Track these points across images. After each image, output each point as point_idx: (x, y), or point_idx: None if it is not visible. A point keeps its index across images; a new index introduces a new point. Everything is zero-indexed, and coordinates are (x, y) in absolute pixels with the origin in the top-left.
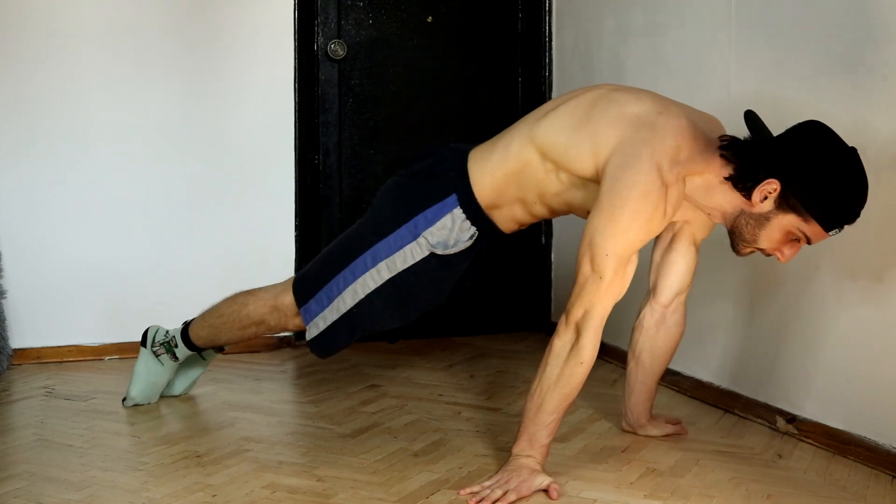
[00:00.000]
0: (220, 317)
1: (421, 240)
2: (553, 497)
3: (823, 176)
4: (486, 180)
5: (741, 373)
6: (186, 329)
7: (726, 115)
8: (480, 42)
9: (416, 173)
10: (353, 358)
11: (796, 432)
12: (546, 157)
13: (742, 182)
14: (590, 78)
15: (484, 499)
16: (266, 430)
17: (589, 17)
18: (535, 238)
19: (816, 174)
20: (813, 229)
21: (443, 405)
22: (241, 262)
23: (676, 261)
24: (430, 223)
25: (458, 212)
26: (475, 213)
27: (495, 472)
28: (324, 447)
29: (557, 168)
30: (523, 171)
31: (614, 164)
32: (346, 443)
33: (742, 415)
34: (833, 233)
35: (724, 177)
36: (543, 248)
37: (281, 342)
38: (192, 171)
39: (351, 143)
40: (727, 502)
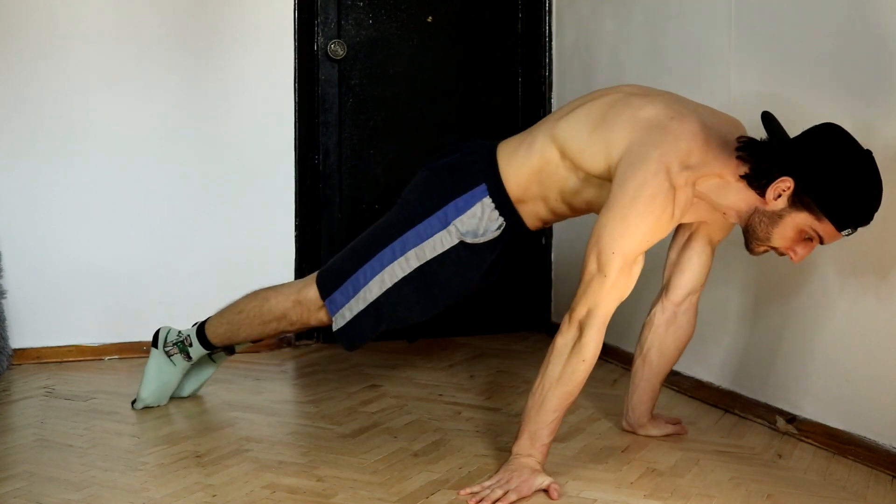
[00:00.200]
0: (239, 313)
1: (451, 228)
2: (553, 497)
3: (838, 175)
4: (511, 175)
5: (741, 373)
6: (202, 328)
7: None
8: (480, 42)
9: (445, 166)
10: (353, 358)
11: (796, 432)
12: (565, 156)
13: (757, 180)
14: (590, 78)
15: (484, 499)
16: (266, 430)
17: (589, 17)
18: (535, 238)
19: (831, 173)
20: (826, 228)
21: (443, 405)
22: (240, 262)
23: (691, 259)
24: (460, 212)
25: (488, 201)
26: (504, 203)
27: (495, 471)
28: (324, 447)
29: (575, 167)
30: (545, 169)
31: (624, 164)
32: (346, 443)
33: (742, 415)
34: (846, 233)
35: (740, 175)
36: (543, 248)
37: (281, 342)
38: (192, 171)
39: (351, 143)
40: (727, 502)
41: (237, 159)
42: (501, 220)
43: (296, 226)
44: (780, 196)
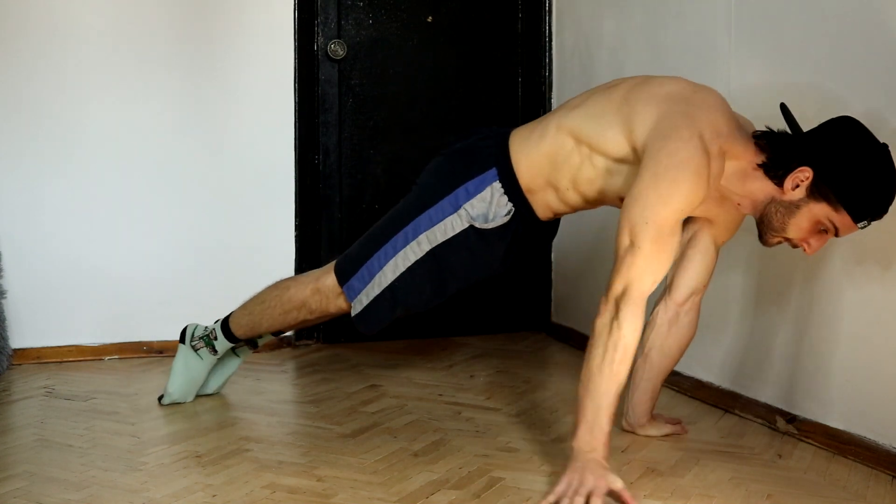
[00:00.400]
0: (261, 303)
1: (462, 211)
2: (628, 502)
3: (856, 166)
4: (523, 161)
5: (741, 373)
6: (226, 322)
7: None
8: (480, 42)
9: (458, 150)
10: (353, 358)
11: (796, 432)
12: (581, 142)
13: (774, 169)
14: (590, 78)
15: None
16: (266, 430)
17: (589, 18)
18: (553, 230)
19: (850, 164)
20: (843, 219)
21: (443, 405)
22: (240, 262)
23: (695, 259)
24: (470, 196)
25: (497, 185)
26: (513, 189)
27: (561, 474)
28: (324, 447)
29: (592, 151)
30: (557, 154)
31: (654, 137)
32: (346, 443)
33: (742, 415)
34: (861, 225)
35: (757, 164)
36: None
37: (281, 342)
38: (192, 171)
39: (351, 143)
40: (727, 502)
41: (237, 159)
42: (510, 205)
43: (296, 226)
44: (798, 186)
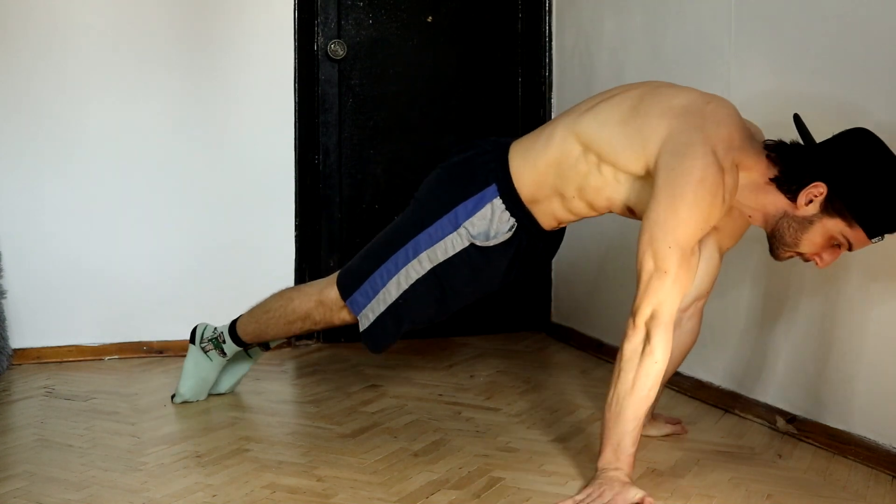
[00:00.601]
0: (266, 312)
1: (462, 230)
2: None
3: (871, 181)
4: (526, 172)
5: (741, 373)
6: (234, 325)
7: None
8: (480, 42)
9: (457, 165)
10: (353, 358)
11: (796, 432)
12: (589, 150)
13: (788, 184)
14: (590, 78)
15: None
16: (266, 430)
17: (589, 18)
18: (559, 238)
19: (864, 179)
20: (857, 235)
21: (443, 405)
22: (241, 262)
23: (699, 266)
24: (470, 213)
25: (498, 202)
26: (515, 204)
27: (583, 486)
28: (324, 447)
29: (600, 161)
30: (563, 163)
31: (667, 154)
32: (346, 443)
33: (742, 415)
34: (876, 240)
35: (770, 178)
36: None
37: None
38: (192, 171)
39: (351, 143)
40: (727, 502)
41: (237, 159)
42: (513, 220)
43: (296, 226)
44: (811, 201)
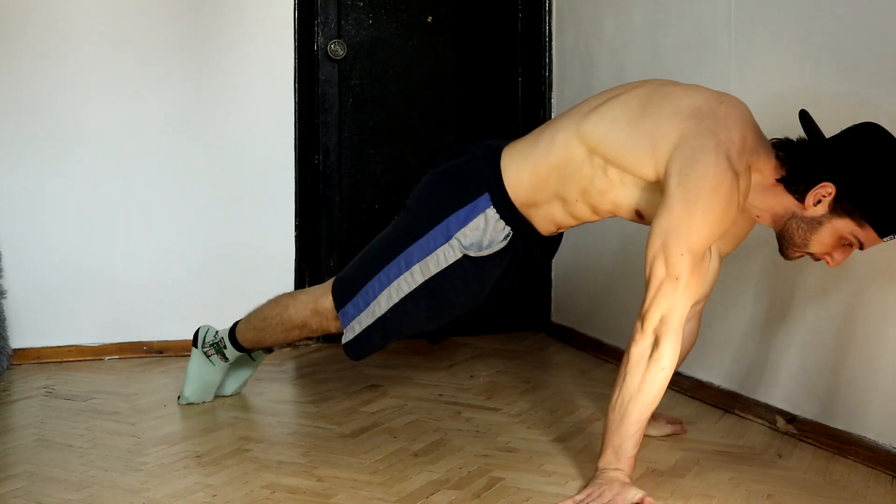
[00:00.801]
0: (263, 320)
1: (454, 241)
2: None
3: (881, 180)
4: (524, 176)
5: (741, 373)
6: (234, 330)
7: None
8: (480, 42)
9: (448, 172)
10: None
11: (796, 432)
12: (595, 153)
13: (795, 184)
14: (590, 78)
15: None
16: (266, 430)
17: (589, 18)
18: (555, 244)
19: (873, 178)
20: (867, 234)
21: (443, 405)
22: (240, 263)
23: None
24: (462, 224)
25: (492, 212)
26: (509, 212)
27: (582, 486)
28: (324, 447)
29: (607, 164)
30: (567, 166)
31: (680, 158)
32: (346, 443)
33: (742, 415)
34: (888, 238)
35: (777, 178)
36: None
37: None
38: (192, 171)
39: (351, 143)
40: (727, 502)
41: (237, 159)
42: (508, 229)
43: (296, 226)
44: (819, 202)
